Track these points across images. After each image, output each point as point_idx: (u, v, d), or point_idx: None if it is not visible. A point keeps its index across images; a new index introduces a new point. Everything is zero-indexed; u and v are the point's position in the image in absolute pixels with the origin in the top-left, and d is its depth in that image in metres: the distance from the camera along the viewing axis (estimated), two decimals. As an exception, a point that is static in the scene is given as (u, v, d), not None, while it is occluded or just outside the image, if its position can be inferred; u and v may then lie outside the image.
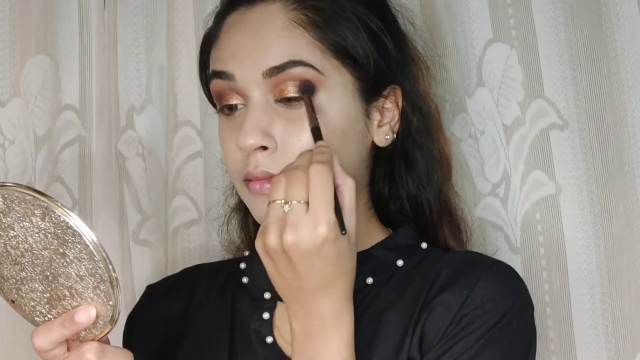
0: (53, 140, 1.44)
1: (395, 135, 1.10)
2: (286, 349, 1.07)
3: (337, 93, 1.04)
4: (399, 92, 1.10)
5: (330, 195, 0.93)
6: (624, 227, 1.19)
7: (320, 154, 0.96)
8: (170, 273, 1.30)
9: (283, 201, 0.94)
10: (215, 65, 1.07)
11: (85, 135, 1.45)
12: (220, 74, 1.06)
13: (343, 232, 0.93)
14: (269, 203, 0.95)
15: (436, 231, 1.15)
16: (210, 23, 1.12)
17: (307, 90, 1.03)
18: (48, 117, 1.45)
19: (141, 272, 1.42)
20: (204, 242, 1.39)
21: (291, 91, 1.03)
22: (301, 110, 1.02)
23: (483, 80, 1.27)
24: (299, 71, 1.03)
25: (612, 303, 1.19)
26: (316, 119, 1.01)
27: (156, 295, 1.20)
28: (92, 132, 1.45)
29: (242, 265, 1.15)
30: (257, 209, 1.05)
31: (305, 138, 1.02)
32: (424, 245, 1.13)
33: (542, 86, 1.23)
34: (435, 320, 1.01)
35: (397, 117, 1.10)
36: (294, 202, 0.93)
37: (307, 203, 0.93)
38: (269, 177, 1.02)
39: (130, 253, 1.43)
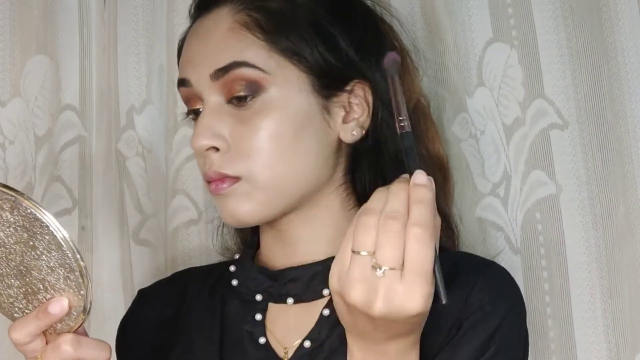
0: (53, 140, 1.45)
1: (363, 132, 1.09)
2: (278, 349, 1.07)
3: (286, 90, 1.04)
4: (367, 87, 1.08)
5: (429, 265, 0.85)
6: (624, 227, 1.19)
7: (419, 206, 0.86)
8: (170, 273, 1.30)
9: (374, 261, 0.85)
10: (179, 73, 1.10)
11: (85, 135, 1.45)
12: (181, 81, 1.09)
13: (444, 302, 0.86)
14: (354, 252, 0.87)
15: None
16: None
17: (391, 65, 0.94)
18: (48, 117, 1.45)
19: (141, 272, 1.42)
20: (203, 242, 1.39)
21: (239, 90, 1.03)
22: (252, 110, 1.03)
23: (483, 80, 1.26)
24: (243, 72, 1.03)
25: (612, 303, 1.19)
26: (403, 123, 0.89)
27: (148, 300, 1.20)
28: (92, 132, 1.45)
29: (232, 268, 1.15)
30: (219, 208, 1.06)
31: (256, 138, 1.02)
32: None
33: (542, 86, 1.23)
34: (435, 325, 1.01)
35: (366, 112, 1.09)
36: (385, 267, 0.85)
37: (402, 265, 0.85)
38: (223, 177, 1.03)
39: (130, 253, 1.43)
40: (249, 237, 1.19)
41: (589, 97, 1.21)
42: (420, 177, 0.87)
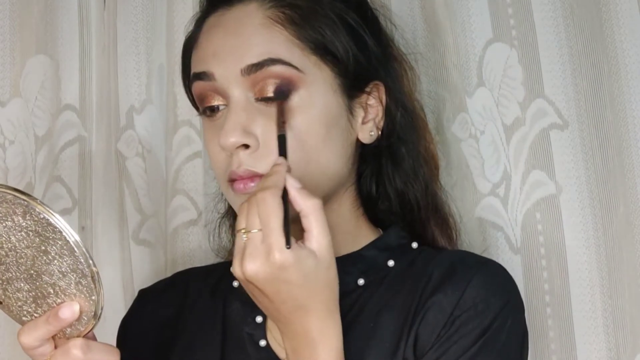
0: (53, 140, 1.44)
1: (379, 132, 1.10)
2: (279, 351, 1.07)
3: (318, 90, 1.04)
4: (382, 88, 1.09)
5: (278, 221, 0.93)
6: (624, 227, 1.19)
7: (269, 178, 0.96)
8: (170, 273, 1.30)
9: (243, 231, 0.94)
10: (196, 67, 1.07)
11: (85, 135, 1.45)
12: (200, 75, 1.06)
13: (287, 247, 0.92)
14: (236, 232, 0.96)
15: (425, 228, 1.15)
16: (190, 27, 1.12)
17: (281, 95, 1.02)
18: (48, 117, 1.45)
19: (141, 272, 1.42)
20: (203, 242, 1.39)
21: (271, 90, 1.02)
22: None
23: (483, 80, 1.27)
24: (277, 69, 1.02)
25: (612, 303, 1.19)
26: (284, 127, 1.00)
27: (149, 300, 1.20)
28: (92, 132, 1.45)
29: None
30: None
31: (288, 137, 1.01)
32: (414, 244, 1.13)
33: (542, 86, 1.23)
34: (429, 322, 1.01)
35: (381, 113, 1.10)
36: (253, 231, 0.93)
37: None
38: (253, 176, 1.02)
39: (130, 253, 1.43)
40: None
41: (589, 97, 1.21)
42: (278, 159, 0.98)
